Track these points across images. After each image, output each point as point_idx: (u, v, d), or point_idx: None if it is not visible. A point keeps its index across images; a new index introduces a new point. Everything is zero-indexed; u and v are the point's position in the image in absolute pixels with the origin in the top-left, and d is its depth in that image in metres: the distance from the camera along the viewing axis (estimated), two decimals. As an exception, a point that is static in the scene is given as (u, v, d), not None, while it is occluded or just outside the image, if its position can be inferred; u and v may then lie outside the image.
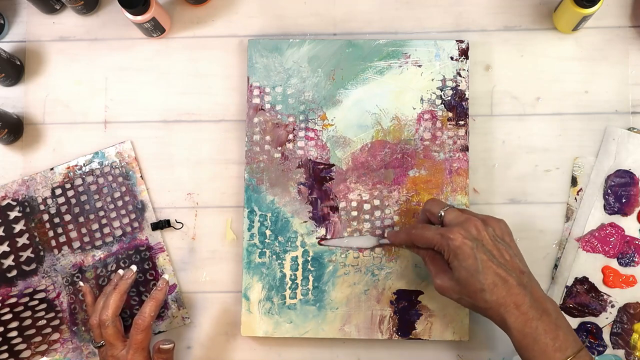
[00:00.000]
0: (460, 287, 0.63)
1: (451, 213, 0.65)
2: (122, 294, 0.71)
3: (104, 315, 0.70)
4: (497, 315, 0.61)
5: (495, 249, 0.62)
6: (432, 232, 0.64)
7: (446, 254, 0.63)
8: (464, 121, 0.75)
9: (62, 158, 0.79)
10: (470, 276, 0.61)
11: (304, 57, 0.77)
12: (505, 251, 0.63)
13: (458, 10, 0.79)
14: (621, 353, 0.74)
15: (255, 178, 0.76)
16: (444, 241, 0.63)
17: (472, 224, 0.63)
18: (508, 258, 0.63)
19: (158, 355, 0.70)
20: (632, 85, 0.77)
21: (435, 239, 0.63)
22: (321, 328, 0.74)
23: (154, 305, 0.70)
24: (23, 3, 0.81)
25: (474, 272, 0.61)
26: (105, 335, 0.70)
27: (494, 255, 0.62)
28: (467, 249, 0.61)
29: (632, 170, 0.75)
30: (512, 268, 0.62)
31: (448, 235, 0.62)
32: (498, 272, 0.61)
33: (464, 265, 0.61)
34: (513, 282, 0.61)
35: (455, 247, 0.62)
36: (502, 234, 0.64)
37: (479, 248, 0.61)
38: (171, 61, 0.80)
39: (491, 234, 0.63)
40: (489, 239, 0.63)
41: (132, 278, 0.73)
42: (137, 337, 0.69)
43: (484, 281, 0.61)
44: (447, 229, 0.63)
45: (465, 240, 0.62)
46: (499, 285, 0.61)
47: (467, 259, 0.61)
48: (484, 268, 0.61)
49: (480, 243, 0.62)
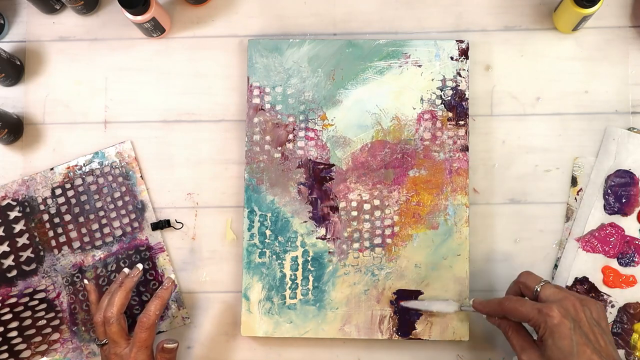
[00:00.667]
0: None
1: (549, 289, 0.63)
2: (127, 291, 0.71)
3: (109, 313, 0.70)
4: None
5: (592, 332, 0.60)
6: (528, 307, 0.62)
7: (541, 331, 0.61)
8: (464, 121, 0.75)
9: (62, 158, 0.79)
10: (563, 358, 0.59)
11: (304, 57, 0.77)
12: (601, 336, 0.61)
13: (458, 10, 0.79)
14: (621, 353, 0.74)
15: (255, 178, 0.76)
16: (541, 317, 0.60)
17: (571, 303, 0.61)
18: (603, 344, 0.60)
19: (161, 355, 0.70)
20: (632, 85, 0.77)
21: (532, 314, 0.61)
22: (321, 328, 0.74)
23: (159, 304, 0.70)
24: (23, 3, 0.81)
25: (569, 354, 0.59)
26: (109, 332, 0.70)
27: (590, 339, 0.60)
28: (565, 329, 0.59)
29: (632, 170, 0.75)
30: (607, 356, 0.60)
31: (547, 312, 0.60)
32: (592, 358, 0.59)
33: (559, 346, 0.59)
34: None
35: (553, 325, 0.59)
36: (598, 317, 0.62)
37: (577, 330, 0.59)
38: (171, 61, 0.80)
39: (589, 316, 0.61)
40: (586, 321, 0.61)
41: (138, 276, 0.73)
42: (141, 335, 0.69)
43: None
44: (546, 305, 0.61)
45: (564, 319, 0.60)
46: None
47: (564, 339, 0.59)
48: (579, 352, 0.59)
49: (578, 324, 0.60)
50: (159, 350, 0.70)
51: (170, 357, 0.70)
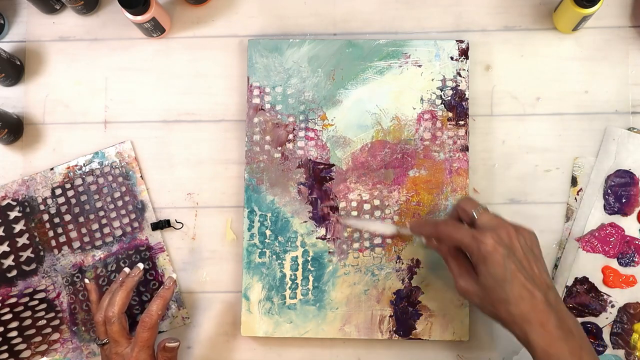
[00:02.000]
0: (484, 293, 0.61)
1: (485, 216, 0.63)
2: (128, 291, 0.71)
3: (110, 312, 0.70)
4: (519, 330, 0.59)
5: (525, 259, 0.60)
6: (462, 233, 0.62)
7: (474, 258, 0.61)
8: (464, 121, 0.75)
9: (62, 158, 0.79)
10: (496, 285, 0.59)
11: (304, 57, 0.77)
12: (535, 264, 0.61)
13: (458, 10, 0.79)
14: (621, 353, 0.74)
15: (255, 178, 0.76)
16: (474, 244, 0.60)
17: (505, 231, 0.61)
18: (537, 271, 0.61)
19: (162, 354, 0.69)
20: (632, 85, 0.77)
21: (466, 240, 0.61)
22: (321, 328, 0.74)
23: (161, 304, 0.70)
24: (23, 3, 0.81)
25: (501, 281, 0.59)
26: (110, 332, 0.69)
27: (524, 266, 0.60)
28: (498, 256, 0.59)
29: (632, 170, 0.75)
30: (540, 282, 0.60)
31: (480, 239, 0.60)
32: (526, 285, 0.59)
33: (492, 273, 0.59)
34: (540, 297, 0.59)
35: (486, 252, 0.60)
36: (532, 244, 0.62)
37: (510, 257, 0.59)
38: (171, 61, 0.80)
39: (523, 243, 0.61)
40: (520, 249, 0.61)
41: (139, 275, 0.73)
42: (143, 335, 0.68)
43: (509, 292, 0.59)
44: (480, 232, 0.61)
45: (498, 246, 0.59)
46: (525, 299, 0.59)
47: (497, 266, 0.59)
48: (512, 278, 0.59)
49: (511, 252, 0.60)
50: (161, 349, 0.69)
51: (171, 356, 0.70)
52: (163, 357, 0.69)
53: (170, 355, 0.70)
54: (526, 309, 0.59)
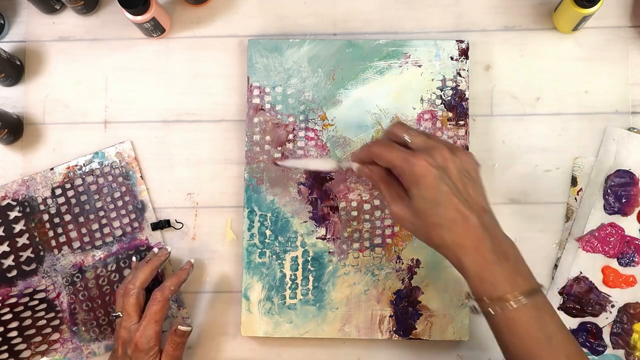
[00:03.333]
0: (416, 218, 0.57)
1: (419, 137, 0.59)
2: (153, 268, 0.71)
3: (130, 284, 0.70)
4: (452, 254, 0.57)
5: (460, 182, 0.57)
6: (395, 153, 0.58)
7: (406, 180, 0.57)
8: (464, 121, 0.75)
9: (62, 158, 0.79)
10: (428, 208, 0.56)
11: (304, 57, 0.77)
12: (470, 187, 0.57)
13: (458, 10, 0.79)
14: (621, 353, 0.74)
15: (255, 178, 0.76)
16: (406, 165, 0.57)
17: (439, 152, 0.57)
18: (472, 194, 0.57)
19: (173, 338, 0.69)
20: (632, 85, 0.77)
21: (398, 161, 0.57)
22: (321, 328, 0.74)
23: (175, 281, 0.71)
24: (23, 3, 0.81)
25: (434, 204, 0.56)
26: (125, 304, 0.69)
27: (458, 188, 0.56)
28: (431, 178, 0.56)
29: (632, 170, 0.75)
30: (475, 205, 0.57)
31: (412, 160, 0.56)
32: (460, 208, 0.56)
33: (425, 195, 0.56)
34: (474, 221, 0.56)
35: (418, 174, 0.56)
36: (468, 167, 0.58)
37: (444, 179, 0.56)
38: (171, 61, 0.80)
39: (458, 165, 0.57)
40: (455, 171, 0.57)
41: (165, 256, 0.73)
42: (153, 308, 0.68)
43: (442, 215, 0.56)
44: (412, 153, 0.57)
45: (431, 168, 0.56)
46: (459, 222, 0.56)
47: (429, 189, 0.56)
48: (445, 201, 0.56)
49: (445, 173, 0.56)
50: (172, 333, 0.69)
51: (181, 341, 0.69)
52: (173, 342, 0.69)
53: (180, 341, 0.69)
54: (460, 233, 0.56)
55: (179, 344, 0.69)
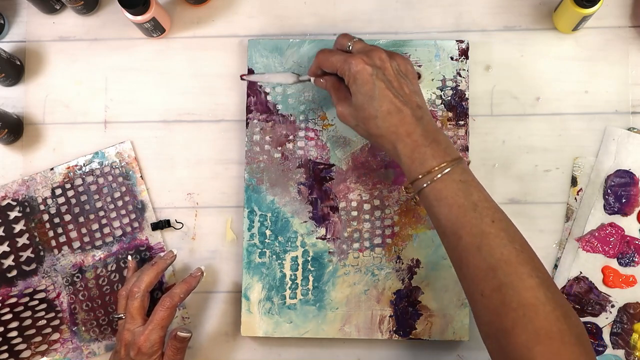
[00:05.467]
0: (356, 112, 0.63)
1: (359, 44, 0.66)
2: (158, 271, 0.71)
3: (135, 287, 0.70)
4: (388, 142, 0.62)
5: (396, 80, 0.63)
6: (336, 57, 0.65)
7: (346, 78, 0.63)
8: (464, 121, 0.75)
9: (62, 158, 0.79)
10: (366, 102, 0.62)
11: (304, 57, 0.77)
12: (406, 85, 0.63)
13: (458, 10, 0.79)
14: (621, 353, 0.74)
15: (255, 178, 0.76)
16: (345, 65, 0.63)
17: (377, 54, 0.63)
18: (407, 91, 0.63)
19: (173, 343, 0.69)
20: (632, 85, 0.77)
21: (339, 62, 0.64)
22: (321, 328, 0.74)
23: (185, 288, 0.71)
24: (23, 3, 0.81)
25: (370, 98, 0.62)
26: (130, 307, 0.69)
27: (393, 85, 0.63)
28: (366, 74, 0.62)
29: (632, 170, 0.75)
30: (409, 101, 0.63)
31: (350, 60, 0.63)
32: (394, 101, 0.62)
33: (362, 91, 0.62)
34: (407, 112, 0.61)
35: (355, 71, 0.62)
36: (406, 70, 0.65)
37: (379, 76, 0.62)
38: (171, 61, 0.80)
39: (395, 67, 0.64)
40: (391, 70, 0.63)
41: (171, 259, 0.73)
42: (161, 314, 0.68)
43: (378, 107, 0.62)
44: (351, 55, 0.64)
45: (366, 66, 0.62)
46: (393, 114, 0.61)
47: (365, 84, 0.62)
48: (380, 95, 0.62)
49: (380, 72, 0.62)
50: (172, 338, 0.69)
51: (181, 346, 0.70)
52: (172, 346, 0.69)
53: (180, 346, 0.69)
54: (394, 122, 0.61)
55: (180, 348, 0.70)
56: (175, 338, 0.69)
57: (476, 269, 0.58)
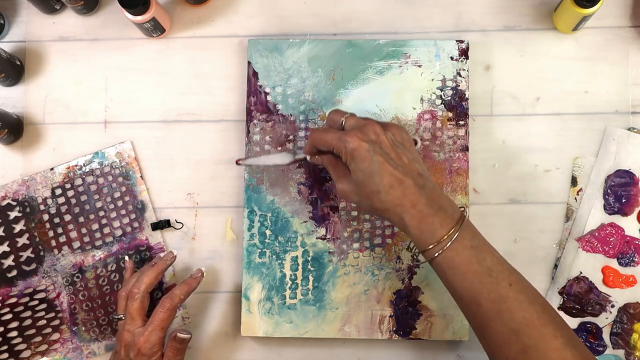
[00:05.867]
0: (358, 189, 0.63)
1: (351, 119, 0.65)
2: (158, 272, 0.71)
3: (135, 288, 0.70)
4: (394, 215, 0.61)
5: (394, 152, 0.62)
6: (330, 135, 0.64)
7: (344, 157, 0.63)
8: (464, 121, 0.75)
9: (62, 158, 0.79)
10: (366, 178, 0.61)
11: (304, 57, 0.77)
12: (404, 155, 0.63)
13: (458, 10, 0.79)
14: (621, 353, 0.74)
15: (255, 178, 0.76)
16: (341, 144, 0.62)
17: (371, 128, 0.62)
18: (406, 161, 0.62)
19: (172, 344, 0.69)
20: (632, 85, 0.77)
21: (334, 141, 0.63)
22: (321, 328, 0.74)
23: (185, 289, 0.71)
24: (23, 3, 0.81)
25: (370, 174, 0.61)
26: (129, 308, 0.69)
27: (392, 157, 0.62)
28: (364, 151, 0.61)
29: (632, 170, 0.75)
30: (410, 170, 0.62)
31: (345, 138, 0.62)
32: (394, 173, 0.61)
33: (361, 167, 0.61)
34: (409, 183, 0.61)
35: (352, 149, 0.61)
36: (402, 140, 0.64)
37: (376, 150, 0.61)
38: (171, 61, 0.80)
39: (390, 138, 0.63)
40: (388, 142, 0.62)
41: (171, 260, 0.73)
42: (160, 315, 0.68)
43: (379, 182, 0.61)
44: (345, 132, 0.63)
45: (362, 142, 0.61)
46: (395, 187, 0.61)
47: (364, 161, 0.61)
48: (380, 170, 0.61)
49: (377, 146, 0.62)
50: (171, 339, 0.69)
51: (181, 347, 0.70)
52: (172, 347, 0.69)
53: (179, 347, 0.69)
54: (397, 194, 0.61)
55: (179, 349, 0.70)
56: (175, 339, 0.69)
57: (498, 334, 0.58)
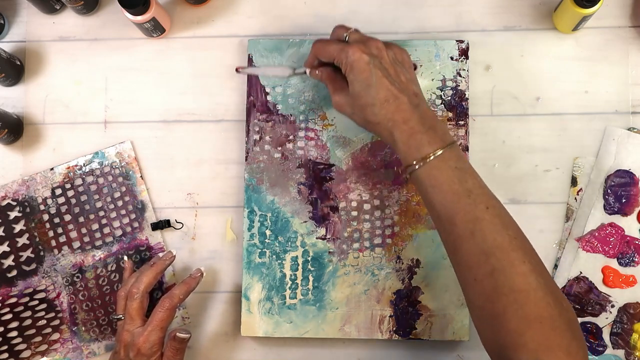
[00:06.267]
0: (353, 101, 0.64)
1: (355, 34, 0.66)
2: (157, 272, 0.71)
3: (135, 288, 0.70)
4: (385, 130, 0.62)
5: (392, 68, 0.63)
6: (333, 46, 0.65)
7: (343, 67, 0.63)
8: (464, 121, 0.75)
9: (62, 158, 0.79)
10: (363, 90, 0.62)
11: (304, 57, 0.77)
12: (402, 74, 0.64)
13: (458, 10, 0.79)
14: (621, 353, 0.74)
15: (255, 178, 0.76)
16: (342, 54, 0.63)
17: (374, 44, 0.64)
18: (404, 80, 0.63)
19: (172, 343, 0.69)
20: (632, 85, 0.77)
21: (335, 51, 0.64)
22: (321, 328, 0.74)
23: (184, 289, 0.71)
24: (23, 3, 0.81)
25: (367, 86, 0.62)
26: (129, 307, 0.69)
27: (390, 74, 0.63)
28: (363, 63, 0.62)
29: (632, 170, 0.75)
30: (406, 88, 0.63)
31: (347, 49, 0.63)
32: (390, 89, 0.62)
33: (359, 79, 0.62)
34: (404, 99, 0.62)
35: (352, 60, 0.62)
36: (402, 59, 0.65)
37: (376, 64, 0.62)
38: (171, 61, 0.80)
39: (391, 56, 0.64)
40: (388, 59, 0.63)
41: (170, 260, 0.73)
42: (160, 315, 0.68)
43: (375, 95, 0.62)
44: (348, 44, 0.64)
45: (363, 54, 0.62)
46: (390, 101, 0.62)
47: (362, 72, 0.62)
48: (377, 83, 0.62)
49: (377, 60, 0.63)
50: (171, 339, 0.69)
51: (180, 347, 0.70)
52: (172, 347, 0.69)
53: (179, 347, 0.69)
54: (391, 109, 0.62)
55: (179, 349, 0.70)
56: (174, 339, 0.69)
57: (469, 255, 0.59)
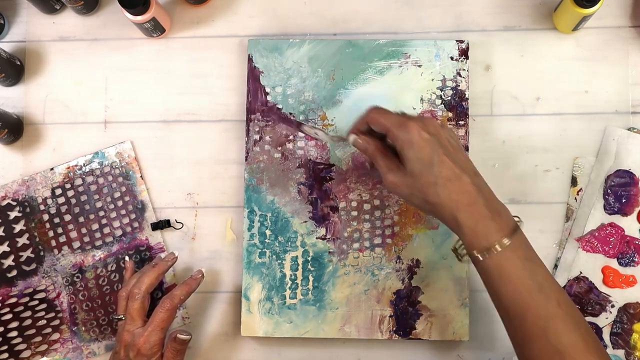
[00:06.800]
0: (412, 181, 0.60)
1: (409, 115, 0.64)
2: (159, 273, 0.71)
3: (136, 289, 0.70)
4: (448, 212, 0.59)
5: (451, 146, 0.61)
6: (391, 118, 0.62)
7: (400, 143, 0.60)
8: (464, 121, 0.75)
9: (62, 158, 0.79)
10: (424, 168, 0.59)
11: (304, 57, 0.77)
12: (460, 153, 0.61)
13: (458, 10, 0.79)
14: (621, 353, 0.74)
15: (255, 178, 0.76)
16: (401, 130, 0.60)
17: (430, 122, 0.61)
18: (462, 158, 0.61)
19: (172, 345, 0.69)
20: (632, 85, 0.77)
21: (393, 125, 0.61)
22: (321, 328, 0.74)
23: (186, 290, 0.71)
24: (23, 3, 0.81)
25: (429, 164, 0.59)
26: (130, 308, 0.69)
27: (450, 152, 0.60)
28: (423, 141, 0.59)
29: (632, 170, 0.75)
30: (467, 168, 0.60)
31: (407, 123, 0.60)
32: (453, 168, 0.59)
33: (419, 157, 0.59)
34: (467, 179, 0.59)
35: (412, 136, 0.60)
36: (456, 140, 0.63)
37: (436, 142, 0.60)
38: (171, 61, 0.80)
39: (447, 134, 0.62)
40: (445, 138, 0.61)
41: (172, 261, 0.73)
42: (160, 316, 0.68)
43: (437, 174, 0.59)
44: (406, 119, 0.61)
45: (423, 132, 0.60)
46: (453, 181, 0.59)
47: (423, 149, 0.59)
48: (439, 161, 0.59)
49: (437, 138, 0.60)
50: (171, 340, 0.69)
51: (181, 348, 0.70)
52: (172, 348, 0.69)
53: (179, 348, 0.69)
54: (454, 189, 0.59)
55: (179, 350, 0.70)
56: (175, 340, 0.69)
57: (541, 352, 0.57)
